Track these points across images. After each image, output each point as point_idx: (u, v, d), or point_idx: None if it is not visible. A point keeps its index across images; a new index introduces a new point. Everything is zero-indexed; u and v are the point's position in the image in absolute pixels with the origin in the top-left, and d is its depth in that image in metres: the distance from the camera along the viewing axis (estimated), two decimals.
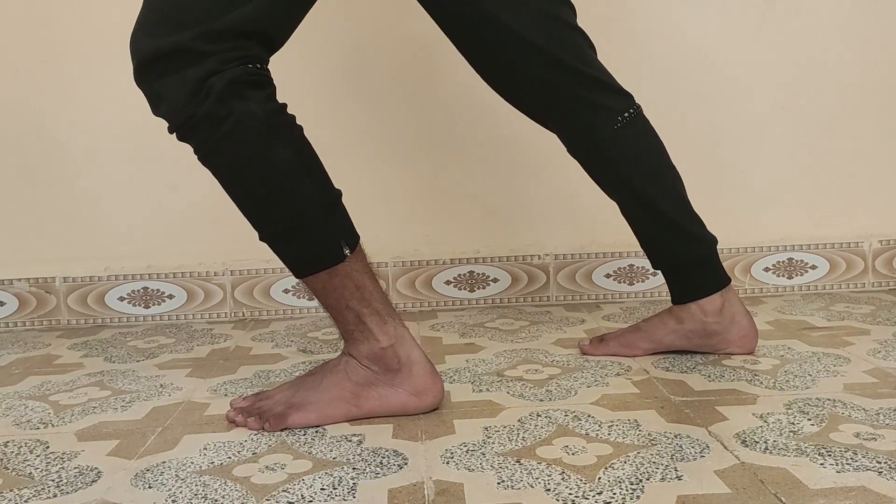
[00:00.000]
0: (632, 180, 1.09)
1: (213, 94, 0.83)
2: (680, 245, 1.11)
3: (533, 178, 1.56)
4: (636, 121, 1.08)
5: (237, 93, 0.84)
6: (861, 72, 1.55)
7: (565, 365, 1.13)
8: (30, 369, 1.25)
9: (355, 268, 0.91)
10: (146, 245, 1.55)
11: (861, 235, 1.58)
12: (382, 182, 1.55)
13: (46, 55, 1.50)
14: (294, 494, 0.74)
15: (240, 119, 0.84)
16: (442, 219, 1.57)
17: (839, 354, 1.13)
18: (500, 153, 1.56)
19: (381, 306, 0.92)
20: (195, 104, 0.83)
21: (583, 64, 1.05)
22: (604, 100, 1.06)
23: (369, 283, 0.92)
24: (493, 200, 1.57)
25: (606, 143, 1.08)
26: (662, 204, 1.09)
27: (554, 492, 0.72)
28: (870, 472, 0.73)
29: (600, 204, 1.58)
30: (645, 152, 1.10)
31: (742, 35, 1.54)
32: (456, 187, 1.57)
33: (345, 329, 0.93)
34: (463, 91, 1.54)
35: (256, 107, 0.85)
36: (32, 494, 0.77)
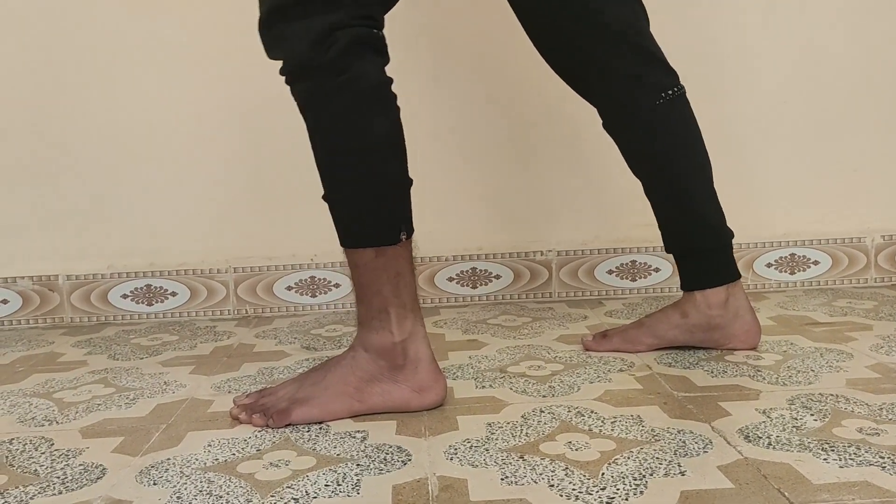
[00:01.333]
0: (664, 157, 1.09)
1: (337, 46, 0.84)
2: (697, 231, 1.11)
3: (535, 174, 1.56)
4: (678, 101, 1.09)
5: (359, 52, 0.86)
6: (865, 67, 1.55)
7: (568, 361, 1.13)
8: (34, 367, 1.25)
9: (402, 255, 0.91)
10: (149, 243, 1.55)
11: (864, 231, 1.58)
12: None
13: (50, 55, 1.50)
14: (298, 491, 0.74)
15: (355, 77, 0.86)
16: (444, 215, 1.57)
17: (842, 350, 1.13)
18: (502, 150, 1.56)
19: (409, 300, 0.93)
20: (318, 51, 0.85)
21: (640, 36, 1.05)
22: (650, 73, 1.06)
23: (408, 274, 0.92)
24: (495, 197, 1.57)
25: (645, 116, 1.08)
26: (689, 187, 1.10)
27: (557, 487, 0.72)
28: (873, 467, 0.73)
29: (603, 200, 1.59)
30: (681, 132, 1.10)
31: (745, 31, 1.54)
32: (458, 184, 1.57)
33: (366, 314, 0.93)
34: (466, 88, 1.54)
35: (373, 71, 0.88)
36: (38, 491, 0.77)
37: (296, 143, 1.55)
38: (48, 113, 1.51)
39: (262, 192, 1.56)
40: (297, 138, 1.54)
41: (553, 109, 1.54)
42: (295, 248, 1.56)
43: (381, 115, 0.89)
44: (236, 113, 1.53)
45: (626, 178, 1.56)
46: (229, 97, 1.53)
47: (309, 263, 1.55)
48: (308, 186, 1.55)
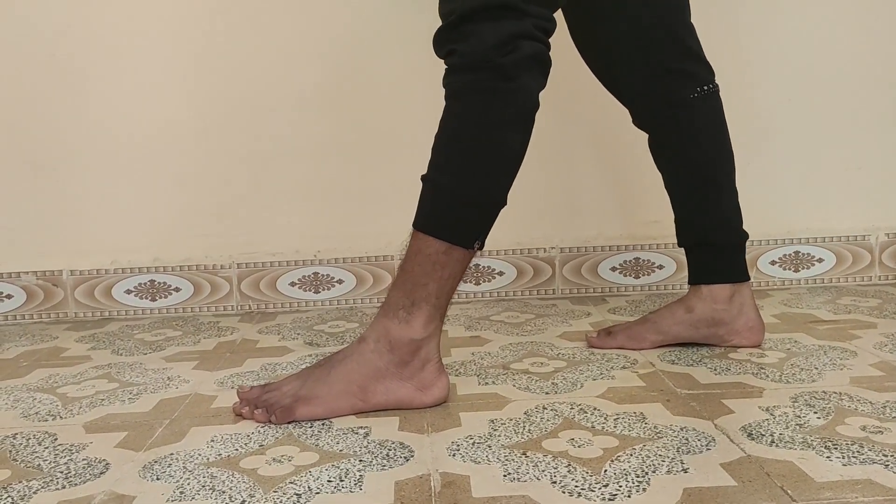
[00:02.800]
0: (695, 148, 1.12)
1: (517, 53, 0.87)
2: (714, 226, 1.13)
3: (539, 171, 1.56)
4: (712, 97, 1.11)
5: (533, 67, 0.89)
6: (870, 64, 1.54)
7: (571, 358, 1.13)
8: (37, 362, 1.25)
9: (463, 261, 0.93)
10: (153, 238, 1.55)
11: (868, 228, 1.58)
12: (389, 176, 1.55)
13: (54, 51, 1.50)
14: (301, 486, 0.74)
15: (520, 89, 0.89)
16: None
17: (845, 348, 1.13)
18: None
19: (444, 305, 0.93)
20: (499, 52, 0.87)
21: (682, 28, 1.09)
22: (690, 67, 1.09)
23: (454, 282, 0.93)
24: None
25: (680, 106, 1.10)
26: (716, 179, 1.12)
27: (560, 484, 0.72)
28: (876, 466, 0.73)
29: (607, 198, 1.58)
30: (713, 127, 1.12)
31: (749, 27, 1.53)
32: None
33: (398, 302, 0.92)
34: None
35: (536, 90, 0.91)
36: (41, 486, 0.77)
37: (299, 140, 1.55)
38: (52, 108, 1.51)
39: (266, 189, 1.56)
40: (301, 135, 1.55)
41: (558, 108, 1.54)
42: (298, 244, 1.56)
43: (522, 132, 0.92)
44: (240, 109, 1.53)
45: (630, 175, 1.56)
46: (234, 93, 1.53)
47: (312, 259, 1.55)
48: (311, 183, 1.56)
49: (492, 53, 0.87)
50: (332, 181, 1.56)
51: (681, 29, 1.09)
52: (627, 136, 1.27)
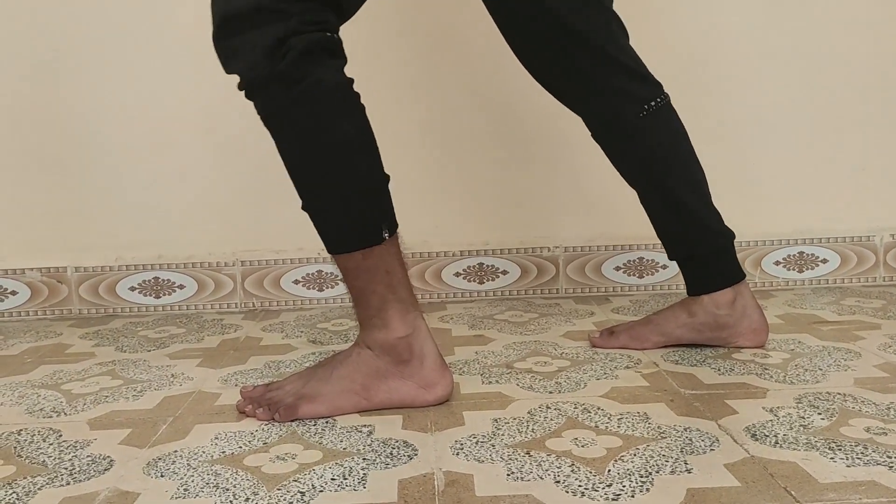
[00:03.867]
0: (652, 169, 1.10)
1: (290, 55, 0.83)
2: (696, 238, 1.11)
3: (543, 170, 1.56)
4: (662, 111, 1.08)
5: (314, 58, 0.85)
6: (873, 64, 1.54)
7: (574, 357, 1.13)
8: (42, 358, 1.26)
9: (389, 252, 0.91)
10: (157, 235, 1.55)
11: (873, 229, 1.57)
12: (392, 173, 1.55)
13: (58, 47, 1.50)
14: (305, 484, 0.74)
15: (312, 84, 0.85)
16: (451, 210, 1.57)
17: (850, 349, 1.12)
18: (510, 146, 1.56)
19: (406, 295, 0.92)
20: (273, 61, 0.84)
21: (616, 50, 1.05)
22: (631, 87, 1.06)
23: (399, 271, 0.92)
24: (502, 192, 1.57)
25: (630, 130, 1.08)
26: (682, 195, 1.09)
27: (563, 484, 0.72)
28: (880, 467, 0.73)
29: (610, 197, 1.58)
30: (668, 142, 1.09)
31: (753, 27, 1.53)
32: (466, 179, 1.57)
33: (365, 314, 0.93)
34: (473, 83, 1.54)
35: (330, 75, 0.86)
36: (46, 482, 0.77)
37: None
38: (56, 106, 1.52)
39: (270, 186, 1.55)
40: None
41: (561, 107, 1.54)
42: (302, 242, 1.56)
43: (344, 117, 0.88)
44: (244, 106, 1.53)
45: None
46: (237, 91, 1.52)
47: (316, 257, 1.56)
48: None
49: (266, 66, 0.84)
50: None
51: (616, 49, 1.05)
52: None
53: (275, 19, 0.83)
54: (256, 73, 0.85)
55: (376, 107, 1.54)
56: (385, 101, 1.54)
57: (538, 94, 1.61)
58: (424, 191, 1.57)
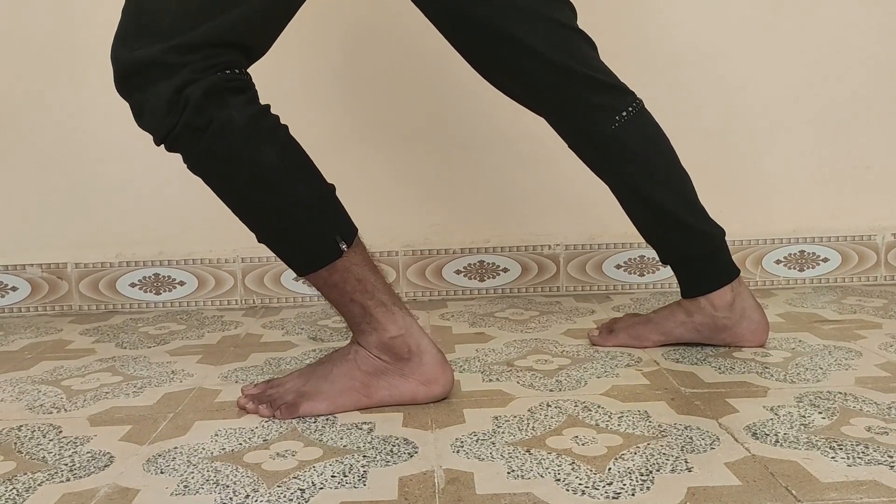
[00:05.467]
0: (631, 178, 1.09)
1: (190, 104, 0.82)
2: (685, 241, 1.10)
3: (544, 168, 1.55)
4: (636, 119, 1.07)
5: (215, 100, 0.83)
6: (877, 63, 1.54)
7: (575, 355, 1.13)
8: (42, 354, 1.26)
9: (354, 261, 0.90)
10: (158, 232, 1.55)
11: (874, 228, 1.57)
12: (393, 171, 1.55)
13: (62, 42, 1.50)
14: (305, 481, 0.74)
15: (220, 126, 0.84)
16: (452, 208, 1.57)
17: (851, 348, 1.12)
18: (511, 143, 1.55)
19: (386, 297, 0.92)
20: (174, 115, 0.83)
21: (580, 64, 1.03)
22: (601, 99, 1.05)
23: (371, 276, 0.92)
24: (503, 190, 1.57)
25: (604, 142, 1.07)
26: (664, 202, 1.08)
27: (564, 482, 0.72)
28: (881, 466, 0.73)
29: (611, 195, 1.58)
30: (645, 150, 1.08)
31: (757, 25, 1.53)
32: (467, 177, 1.57)
33: (352, 322, 0.93)
34: (474, 81, 1.53)
35: (237, 113, 0.84)
36: (46, 478, 0.77)
37: (303, 135, 1.55)
38: (58, 101, 1.52)
39: None
40: (305, 130, 1.54)
41: None
42: None
43: (264, 146, 0.86)
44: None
45: None
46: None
47: None
48: None
49: (170, 122, 0.83)
50: (334, 176, 1.55)
51: (580, 63, 1.03)
52: None
53: (167, 74, 0.82)
54: (164, 129, 0.84)
55: (377, 103, 1.55)
56: (386, 98, 1.54)
57: None
58: (425, 188, 1.57)
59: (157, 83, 0.82)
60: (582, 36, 1.05)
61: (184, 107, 0.82)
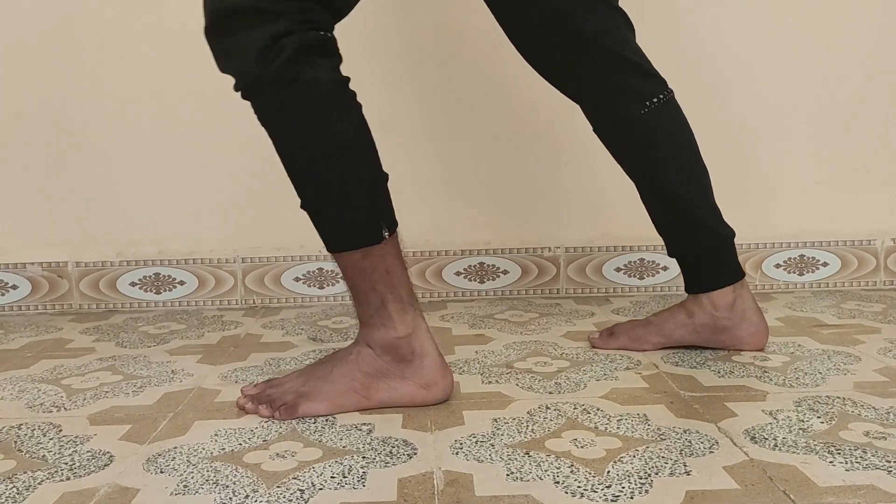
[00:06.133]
0: (653, 164, 1.09)
1: (283, 56, 0.82)
2: (695, 236, 1.11)
3: (545, 170, 1.56)
4: (665, 107, 1.07)
5: (307, 58, 0.84)
6: (877, 67, 1.54)
7: (574, 358, 1.13)
8: (42, 353, 1.26)
9: (389, 251, 0.91)
10: (158, 231, 1.55)
11: (874, 233, 1.57)
12: (394, 172, 1.54)
13: (63, 41, 1.50)
14: (304, 482, 0.75)
15: (306, 85, 0.84)
16: (453, 210, 1.57)
17: (850, 352, 1.12)
18: (512, 145, 1.56)
19: (406, 294, 0.92)
20: (264, 63, 0.83)
21: (620, 47, 1.04)
22: (635, 83, 1.06)
23: (398, 269, 0.92)
24: (504, 192, 1.57)
25: (631, 126, 1.07)
26: (682, 193, 1.09)
27: (563, 484, 0.72)
28: (879, 471, 0.73)
29: (612, 197, 1.58)
30: (670, 139, 1.09)
31: (758, 28, 1.53)
32: (467, 178, 1.57)
33: (365, 313, 0.93)
34: (476, 83, 1.54)
35: (324, 75, 0.85)
36: (46, 477, 0.78)
37: None
38: (59, 100, 1.52)
39: (272, 183, 1.55)
40: None
41: (564, 106, 1.53)
42: (303, 239, 1.56)
43: (341, 116, 0.88)
44: (245, 103, 1.53)
45: None
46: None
47: (317, 255, 1.56)
48: None
49: (259, 68, 0.83)
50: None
51: (618, 45, 1.04)
52: None
53: (265, 20, 0.82)
54: (249, 76, 0.85)
55: (379, 104, 1.54)
56: (388, 99, 1.54)
57: (540, 94, 1.61)
58: (426, 190, 1.57)
59: (253, 28, 0.82)
60: (623, 17, 1.06)
61: (275, 56, 0.83)
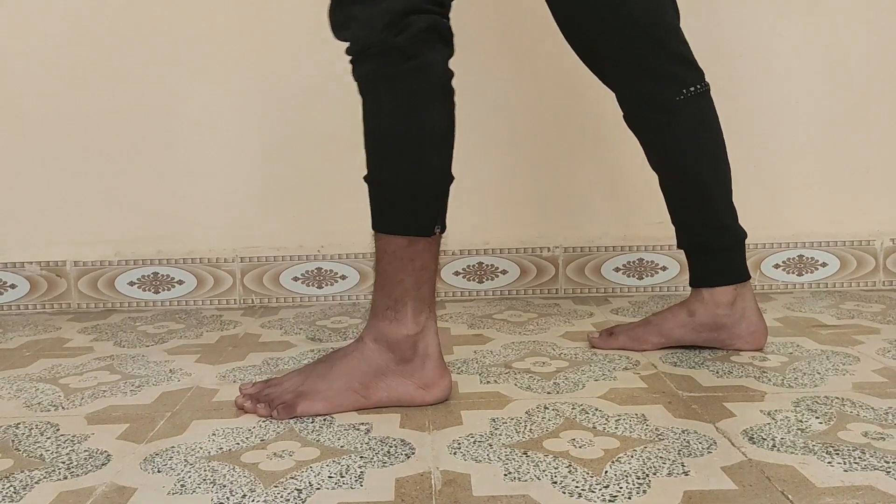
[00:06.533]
0: (679, 150, 1.10)
1: (410, 30, 0.84)
2: (709, 230, 1.12)
3: (544, 170, 1.56)
4: (701, 98, 1.09)
5: (430, 40, 0.86)
6: (877, 68, 1.54)
7: (573, 358, 1.13)
8: (40, 352, 1.26)
9: (430, 249, 0.91)
10: (157, 230, 1.55)
11: (873, 233, 1.57)
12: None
13: (64, 42, 1.50)
14: (302, 482, 0.74)
15: (423, 66, 0.86)
16: (451, 209, 1.55)
17: (848, 353, 1.12)
18: (511, 145, 1.55)
19: (428, 295, 0.93)
20: (390, 33, 0.85)
21: (667, 34, 1.06)
22: (676, 70, 1.07)
23: (431, 268, 0.92)
24: (503, 192, 1.57)
25: (665, 111, 1.08)
26: (704, 184, 1.10)
27: (561, 484, 0.72)
28: (878, 472, 0.73)
29: (611, 197, 1.58)
30: (700, 129, 1.10)
31: (758, 29, 1.53)
32: (466, 178, 1.56)
33: (382, 303, 0.93)
34: (475, 83, 1.53)
35: (440, 62, 0.88)
36: (43, 476, 0.77)
37: (306, 135, 1.55)
38: (60, 99, 1.52)
39: (271, 183, 1.56)
40: (308, 130, 1.55)
41: (564, 107, 1.54)
42: (302, 239, 1.56)
43: (441, 107, 0.90)
44: (247, 104, 1.53)
45: (635, 175, 1.56)
46: (240, 86, 1.53)
47: (316, 255, 1.56)
48: (317, 178, 1.56)
49: (383, 36, 0.85)
50: (337, 176, 1.55)
51: (665, 30, 1.06)
52: (633, 135, 1.26)
53: None
54: (371, 42, 0.86)
55: None
56: None
57: (538, 95, 1.61)
58: None
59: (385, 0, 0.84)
60: (673, 3, 1.08)
61: (403, 29, 0.84)
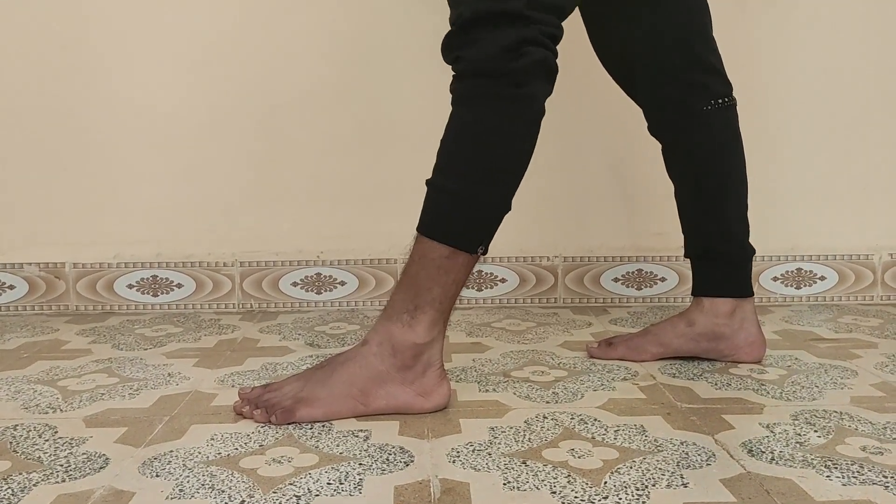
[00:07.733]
0: (701, 156, 1.12)
1: (528, 59, 0.87)
2: (720, 238, 1.13)
3: (544, 179, 1.56)
4: (727, 110, 1.11)
5: (540, 74, 0.89)
6: (876, 82, 1.55)
7: (572, 367, 1.13)
8: (38, 354, 1.25)
9: (467, 266, 0.93)
10: (156, 233, 1.55)
11: (871, 248, 1.58)
12: (394, 178, 1.55)
13: (65, 42, 1.50)
14: (300, 488, 0.74)
15: (528, 96, 0.89)
16: None
17: (846, 367, 1.13)
18: None
19: (447, 310, 0.94)
20: (507, 58, 0.87)
21: (703, 48, 1.09)
22: (706, 81, 1.09)
23: (459, 286, 0.94)
24: None
25: (691, 119, 1.10)
26: (721, 196, 1.12)
27: (559, 495, 0.72)
28: (876, 486, 0.73)
29: (610, 208, 1.59)
30: (724, 141, 1.12)
31: (758, 44, 1.53)
32: None
33: (402, 305, 0.93)
34: None
35: (542, 97, 0.91)
36: (41, 478, 0.77)
37: (306, 139, 1.55)
38: (59, 100, 1.52)
39: (271, 188, 1.56)
40: (307, 134, 1.55)
41: (566, 116, 1.54)
42: (302, 244, 1.56)
43: (530, 139, 0.92)
44: (247, 105, 1.54)
45: (635, 186, 1.57)
46: (240, 90, 1.53)
47: (315, 260, 1.56)
48: (316, 183, 1.56)
49: (500, 59, 0.87)
50: (337, 182, 1.56)
51: (698, 40, 1.09)
52: (635, 145, 1.27)
53: (520, 23, 0.87)
54: (486, 62, 0.88)
55: (380, 109, 1.55)
56: (388, 106, 1.54)
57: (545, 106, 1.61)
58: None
59: (507, 28, 0.87)
60: (708, 13, 1.10)
61: (520, 56, 0.87)
